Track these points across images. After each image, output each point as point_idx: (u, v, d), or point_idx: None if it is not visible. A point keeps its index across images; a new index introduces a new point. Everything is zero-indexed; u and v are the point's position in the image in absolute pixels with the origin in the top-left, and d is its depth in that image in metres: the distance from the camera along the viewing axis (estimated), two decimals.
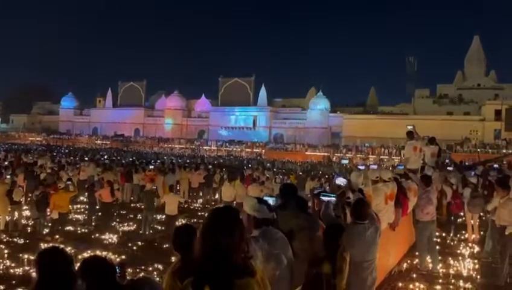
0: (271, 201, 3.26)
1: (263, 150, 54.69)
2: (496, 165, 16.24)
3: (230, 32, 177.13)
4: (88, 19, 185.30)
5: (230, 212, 2.17)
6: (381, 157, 45.34)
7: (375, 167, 8.06)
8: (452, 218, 10.59)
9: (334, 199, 4.20)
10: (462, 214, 10.94)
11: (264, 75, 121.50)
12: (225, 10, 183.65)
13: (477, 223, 10.29)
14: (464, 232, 10.49)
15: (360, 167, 9.37)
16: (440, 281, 7.02)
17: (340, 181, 5.17)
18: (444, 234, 10.22)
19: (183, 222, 11.64)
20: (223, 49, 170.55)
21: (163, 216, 12.10)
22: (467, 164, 20.06)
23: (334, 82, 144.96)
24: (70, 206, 11.91)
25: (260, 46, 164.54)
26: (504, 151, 40.69)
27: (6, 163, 18.27)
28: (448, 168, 12.18)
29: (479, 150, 42.46)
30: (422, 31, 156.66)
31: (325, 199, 4.15)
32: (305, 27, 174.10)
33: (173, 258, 4.00)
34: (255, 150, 55.35)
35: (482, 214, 10.57)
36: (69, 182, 12.21)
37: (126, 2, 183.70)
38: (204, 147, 58.95)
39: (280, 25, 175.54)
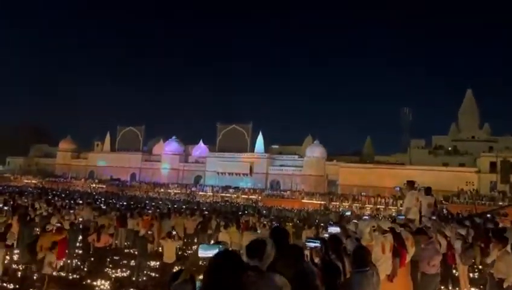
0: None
1: (260, 197, 54.39)
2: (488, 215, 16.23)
3: (229, 79, 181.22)
4: (88, 63, 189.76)
5: (232, 258, 2.18)
6: (378, 206, 45.16)
7: (367, 217, 8.09)
8: (448, 270, 10.46)
9: (319, 245, 4.19)
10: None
11: (262, 122, 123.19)
12: (224, 57, 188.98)
13: (468, 275, 10.18)
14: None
15: (365, 217, 9.39)
16: None
17: (334, 229, 5.18)
18: (442, 287, 10.05)
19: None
20: (222, 95, 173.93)
21: (157, 263, 11.87)
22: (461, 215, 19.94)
23: (330, 130, 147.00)
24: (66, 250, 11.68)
25: (258, 94, 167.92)
26: (500, 203, 40.63)
27: (1, 205, 18.07)
28: (466, 221, 12.14)
29: (476, 201, 42.46)
30: (416, 83, 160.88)
31: (311, 245, 4.14)
32: (303, 76, 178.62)
33: None
34: (251, 196, 55.04)
35: (480, 267, 10.47)
36: (58, 224, 12.02)
37: (127, 48, 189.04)
38: (200, 193, 58.59)
39: (278, 73, 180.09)
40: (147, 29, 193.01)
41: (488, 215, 16.14)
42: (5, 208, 16.40)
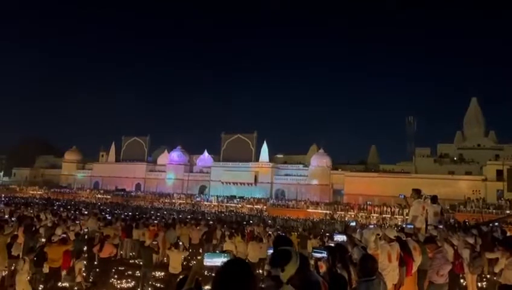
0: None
1: (264, 206, 54.22)
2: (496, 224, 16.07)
3: (234, 88, 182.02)
4: (93, 74, 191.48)
5: (242, 267, 2.15)
6: (383, 216, 44.86)
7: (371, 227, 8.04)
8: (456, 280, 10.33)
9: (325, 255, 4.17)
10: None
11: (266, 131, 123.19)
12: (228, 66, 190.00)
13: (476, 285, 10.06)
14: None
15: (371, 226, 9.34)
16: None
17: (340, 238, 5.16)
18: None
19: None
20: (226, 105, 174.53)
21: (162, 273, 11.84)
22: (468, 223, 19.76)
23: (335, 139, 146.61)
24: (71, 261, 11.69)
25: (262, 103, 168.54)
26: (508, 211, 40.27)
27: (6, 216, 18.15)
28: (473, 230, 12.03)
29: (483, 210, 42.13)
30: (421, 91, 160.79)
31: (318, 255, 4.12)
32: (307, 85, 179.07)
33: None
34: (256, 206, 54.88)
35: (489, 276, 10.34)
36: (63, 235, 12.06)
37: (131, 59, 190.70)
38: (205, 203, 58.50)
39: (282, 83, 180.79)
40: (150, 40, 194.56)
41: (496, 224, 15.98)
42: (12, 219, 16.48)
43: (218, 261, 2.66)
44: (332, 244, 4.97)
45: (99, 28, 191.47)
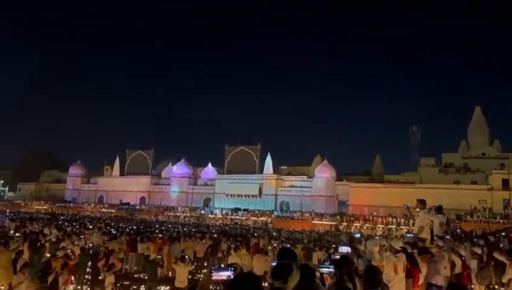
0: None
1: (269, 219, 53.99)
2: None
3: (237, 101, 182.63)
4: (95, 88, 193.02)
5: (252, 280, 2.17)
6: (389, 227, 44.54)
7: (377, 238, 8.01)
8: None
9: (333, 270, 4.16)
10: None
11: (270, 143, 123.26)
12: (231, 79, 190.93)
13: None
14: None
15: (376, 238, 9.30)
16: None
17: (344, 250, 5.15)
18: None
19: None
20: (229, 117, 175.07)
21: (167, 287, 11.77)
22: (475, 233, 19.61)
23: (339, 150, 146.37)
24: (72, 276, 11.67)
25: (266, 114, 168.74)
26: None
27: (12, 232, 18.18)
28: (479, 240, 11.93)
29: (490, 220, 41.82)
30: (425, 100, 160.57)
31: (325, 270, 4.12)
32: (308, 96, 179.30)
33: None
34: (261, 218, 54.66)
35: (497, 286, 10.22)
36: (68, 250, 12.05)
37: (136, 74, 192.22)
38: (210, 215, 58.34)
39: (283, 96, 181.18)
40: (153, 53, 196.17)
41: (503, 234, 15.84)
42: (17, 234, 16.50)
43: (225, 274, 2.69)
44: (338, 257, 4.95)
45: (101, 40, 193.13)
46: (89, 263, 13.80)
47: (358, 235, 8.78)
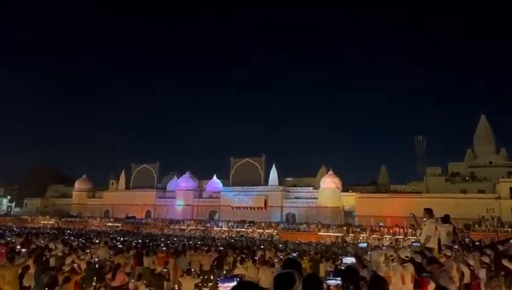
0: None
1: (275, 231, 53.71)
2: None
3: (240, 112, 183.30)
4: (103, 104, 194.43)
5: (253, 288, 2.17)
6: (396, 237, 44.14)
7: (384, 248, 7.93)
8: None
9: (340, 282, 4.14)
10: None
11: (275, 155, 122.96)
12: (234, 91, 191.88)
13: None
14: None
15: (384, 248, 9.22)
16: None
17: (349, 260, 5.12)
18: None
19: None
20: (234, 129, 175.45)
21: None
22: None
23: (344, 161, 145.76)
24: None
25: (270, 126, 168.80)
26: None
27: (18, 247, 18.16)
28: (487, 250, 11.78)
29: (498, 229, 41.34)
30: (429, 110, 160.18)
31: (332, 282, 4.10)
32: (312, 106, 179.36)
33: None
34: (267, 230, 54.38)
35: None
36: (74, 265, 12.04)
37: (140, 87, 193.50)
38: (215, 228, 58.14)
39: (288, 106, 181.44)
40: (155, 66, 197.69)
41: (511, 242, 15.62)
42: (23, 250, 16.48)
43: (230, 285, 2.70)
44: (343, 268, 4.93)
45: (103, 54, 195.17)
46: (95, 278, 13.78)
47: (364, 245, 8.72)
